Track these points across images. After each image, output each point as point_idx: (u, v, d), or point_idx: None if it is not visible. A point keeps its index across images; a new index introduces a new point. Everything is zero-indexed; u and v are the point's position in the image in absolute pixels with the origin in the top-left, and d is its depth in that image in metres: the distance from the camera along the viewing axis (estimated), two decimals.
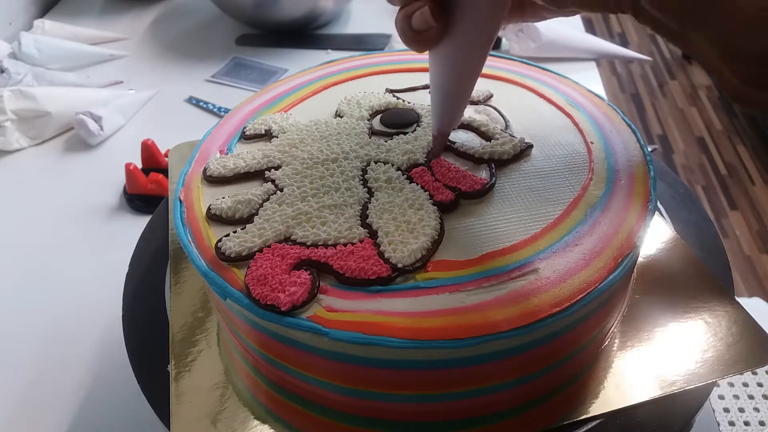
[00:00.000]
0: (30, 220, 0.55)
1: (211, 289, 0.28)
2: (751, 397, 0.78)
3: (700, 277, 0.33)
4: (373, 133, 0.34)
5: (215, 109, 0.67)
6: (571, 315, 0.24)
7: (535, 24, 0.68)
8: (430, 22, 0.25)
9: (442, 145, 0.32)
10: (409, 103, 0.37)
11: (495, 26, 0.26)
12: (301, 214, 0.29)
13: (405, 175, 0.31)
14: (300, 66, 0.67)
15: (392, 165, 0.31)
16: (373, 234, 0.28)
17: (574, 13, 0.28)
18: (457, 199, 0.29)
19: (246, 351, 0.29)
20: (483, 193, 0.30)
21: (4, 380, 0.42)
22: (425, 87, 0.39)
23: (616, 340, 0.31)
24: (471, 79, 0.28)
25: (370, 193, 0.30)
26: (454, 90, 0.29)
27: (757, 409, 0.77)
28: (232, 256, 0.27)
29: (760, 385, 0.79)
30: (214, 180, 0.32)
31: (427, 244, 0.27)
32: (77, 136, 0.64)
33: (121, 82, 0.72)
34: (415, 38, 0.26)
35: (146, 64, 0.76)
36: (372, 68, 0.41)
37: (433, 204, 0.29)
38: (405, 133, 0.34)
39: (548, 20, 0.30)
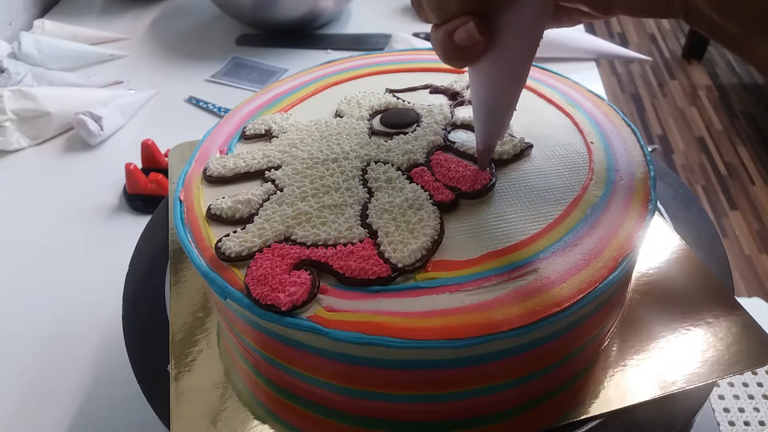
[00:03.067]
0: (30, 220, 0.55)
1: (211, 289, 0.28)
2: (751, 397, 0.78)
3: (700, 278, 0.33)
4: (373, 133, 0.34)
5: (215, 109, 0.67)
6: (571, 315, 0.24)
7: None
8: (476, 37, 0.24)
9: (487, 161, 0.31)
10: (409, 103, 0.37)
11: (538, 36, 0.25)
12: (301, 214, 0.29)
13: (405, 175, 0.31)
14: (300, 66, 0.67)
15: (392, 165, 0.31)
16: (373, 234, 0.28)
17: (610, 18, 0.27)
18: (457, 199, 0.29)
19: (246, 351, 0.29)
20: (483, 193, 0.30)
21: (4, 380, 0.42)
22: (425, 87, 0.39)
23: (616, 340, 0.31)
24: (516, 91, 0.27)
25: (370, 193, 0.30)
26: (499, 104, 0.28)
27: (757, 409, 0.77)
28: (232, 256, 0.27)
29: (760, 385, 0.79)
30: (214, 180, 0.32)
31: (427, 244, 0.27)
32: (77, 136, 0.64)
33: (121, 82, 0.72)
34: (458, 55, 0.25)
35: (146, 64, 0.76)
36: (372, 68, 0.41)
37: (433, 204, 0.29)
38: (405, 133, 0.34)
39: None
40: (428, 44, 0.72)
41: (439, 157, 0.32)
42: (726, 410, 0.77)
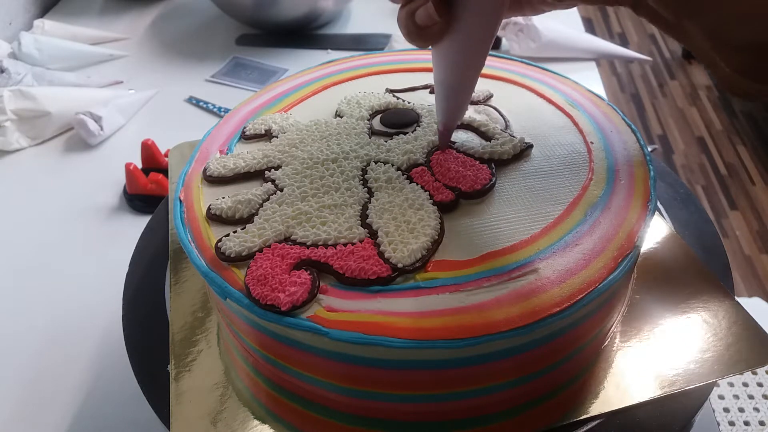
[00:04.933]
0: (30, 220, 0.55)
1: (211, 289, 0.28)
2: (751, 397, 0.78)
3: (700, 277, 0.33)
4: (373, 133, 0.34)
5: (215, 109, 0.67)
6: (571, 315, 0.24)
7: (535, 24, 0.68)
8: (435, 17, 0.25)
9: (447, 140, 0.32)
10: (409, 103, 0.37)
11: (497, 19, 0.26)
12: (301, 214, 0.29)
13: (405, 175, 0.31)
14: (300, 66, 0.67)
15: (392, 165, 0.31)
16: (373, 234, 0.28)
17: (571, 6, 0.28)
18: (457, 199, 0.29)
19: (246, 351, 0.29)
20: (483, 193, 0.30)
21: (4, 380, 0.42)
22: (425, 87, 0.39)
23: (616, 340, 0.31)
24: (474, 73, 0.29)
25: (370, 193, 0.30)
26: (458, 84, 0.29)
27: (757, 409, 0.76)
28: (232, 256, 0.27)
29: (760, 385, 0.79)
30: (214, 180, 0.32)
31: (427, 244, 0.27)
32: (77, 136, 0.64)
33: (121, 82, 0.72)
34: (419, 34, 0.26)
35: (146, 64, 0.76)
36: (372, 68, 0.41)
37: (433, 204, 0.29)
38: (405, 133, 0.34)
39: (548, 19, 0.30)
40: None
41: (439, 157, 0.32)
42: (726, 410, 0.77)
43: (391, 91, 0.38)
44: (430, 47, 0.28)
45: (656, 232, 0.36)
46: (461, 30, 0.26)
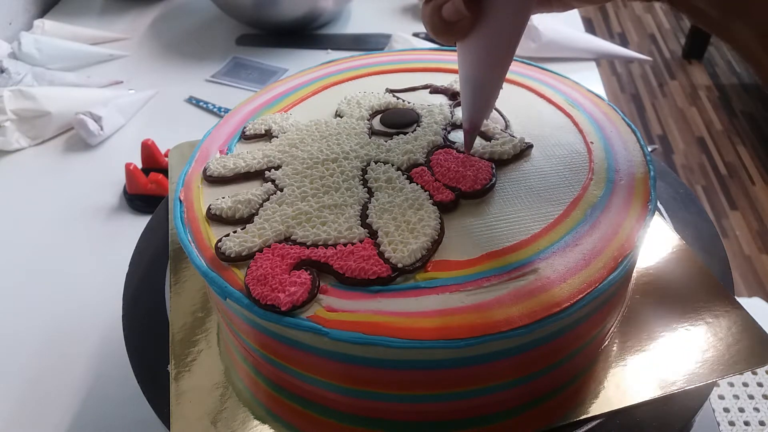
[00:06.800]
0: (30, 220, 0.55)
1: (211, 289, 0.28)
2: (751, 397, 0.78)
3: (700, 277, 0.33)
4: (373, 133, 0.34)
5: (215, 109, 0.67)
6: (571, 315, 0.24)
7: (535, 24, 0.68)
8: (463, 11, 0.24)
9: (473, 140, 0.31)
10: (409, 103, 0.37)
11: (526, 13, 0.25)
12: (301, 214, 0.29)
13: (405, 175, 0.31)
14: (300, 66, 0.67)
15: (392, 165, 0.31)
16: (373, 234, 0.28)
17: (600, 3, 0.27)
18: (457, 199, 0.29)
19: (246, 351, 0.29)
20: (483, 193, 0.30)
21: (4, 380, 0.42)
22: (425, 87, 0.39)
23: (616, 340, 0.31)
24: (502, 69, 0.27)
25: (370, 193, 0.30)
26: (486, 81, 0.28)
27: (757, 409, 0.77)
28: (232, 256, 0.27)
29: (760, 385, 0.79)
30: (214, 180, 0.32)
31: (427, 244, 0.27)
32: (77, 136, 0.64)
33: (121, 82, 0.72)
34: (446, 30, 0.25)
35: (146, 64, 0.76)
36: (372, 68, 0.41)
37: (433, 204, 0.29)
38: (405, 133, 0.34)
39: (548, 19, 0.29)
40: (428, 44, 0.72)
41: (439, 157, 0.32)
42: (726, 410, 0.77)
43: (391, 91, 0.38)
44: (455, 44, 0.27)
45: (656, 232, 0.36)
46: (489, 25, 0.25)
